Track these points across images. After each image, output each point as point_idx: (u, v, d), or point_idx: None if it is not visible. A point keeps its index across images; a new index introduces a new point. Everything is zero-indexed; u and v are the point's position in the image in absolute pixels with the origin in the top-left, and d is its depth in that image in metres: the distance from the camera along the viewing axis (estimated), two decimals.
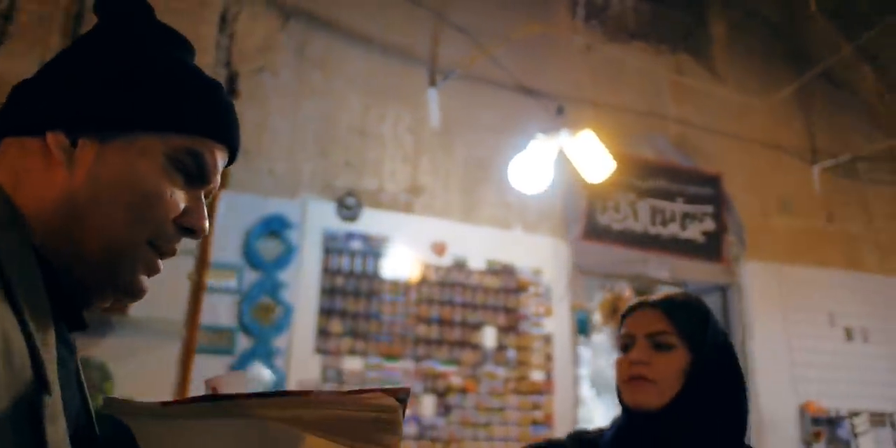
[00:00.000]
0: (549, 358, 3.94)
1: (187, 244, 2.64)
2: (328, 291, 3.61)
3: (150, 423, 0.67)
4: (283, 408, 0.64)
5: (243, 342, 3.40)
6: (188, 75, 0.77)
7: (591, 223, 4.32)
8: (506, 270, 4.00)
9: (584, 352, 6.03)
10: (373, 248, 3.76)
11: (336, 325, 3.57)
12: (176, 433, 0.66)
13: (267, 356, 3.41)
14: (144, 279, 0.74)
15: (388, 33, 4.17)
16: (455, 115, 4.20)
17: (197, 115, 0.74)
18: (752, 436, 4.45)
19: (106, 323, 3.16)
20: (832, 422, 4.45)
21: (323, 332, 3.54)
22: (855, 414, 4.48)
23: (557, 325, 4.03)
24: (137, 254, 0.71)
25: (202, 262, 3.02)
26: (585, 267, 4.26)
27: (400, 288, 3.75)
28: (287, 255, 3.59)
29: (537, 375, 3.88)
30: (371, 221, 3.80)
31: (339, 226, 3.74)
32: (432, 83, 4.17)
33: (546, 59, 4.50)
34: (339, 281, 3.65)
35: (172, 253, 0.75)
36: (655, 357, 1.30)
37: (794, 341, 4.62)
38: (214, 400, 0.66)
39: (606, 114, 4.51)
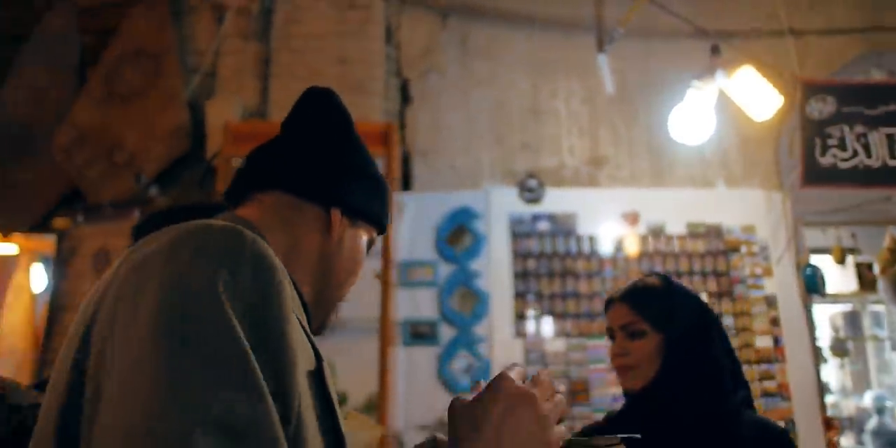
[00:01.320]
0: (775, 322, 3.58)
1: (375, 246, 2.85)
2: (521, 275, 3.66)
3: None
4: None
5: (446, 332, 3.59)
6: (386, 184, 1.06)
7: (812, 166, 3.81)
8: (710, 232, 3.71)
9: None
10: (560, 227, 3.73)
11: (533, 308, 3.61)
12: None
13: (470, 344, 3.56)
14: None
15: (548, 8, 4.10)
16: (630, 77, 3.98)
17: (387, 218, 1.05)
18: None
19: None
20: None
21: (521, 316, 3.60)
22: None
23: (781, 285, 3.64)
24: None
25: (386, 262, 3.25)
26: (809, 216, 3.79)
27: (594, 264, 3.67)
28: (476, 245, 3.71)
29: (763, 342, 3.54)
30: (555, 200, 3.77)
31: (523, 209, 3.77)
32: (600, 49, 4.01)
33: None
34: (531, 264, 3.67)
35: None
36: (631, 345, 1.48)
37: None
38: None
39: (810, 42, 3.95)
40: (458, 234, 3.73)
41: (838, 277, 4.50)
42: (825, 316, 6.07)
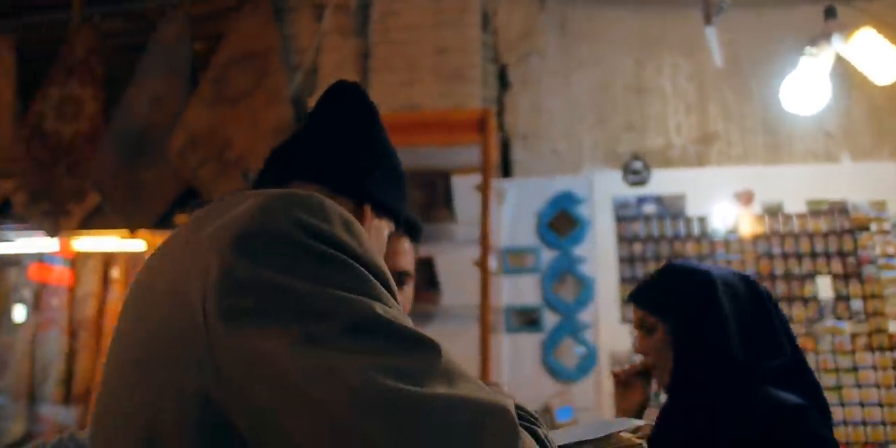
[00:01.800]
0: None
1: (473, 234, 2.83)
2: (627, 260, 3.54)
3: None
4: None
5: (550, 319, 3.52)
6: (406, 178, 1.09)
7: None
8: (834, 209, 3.44)
9: None
10: (668, 210, 3.57)
11: None
12: None
13: (574, 331, 3.48)
14: None
15: None
16: (741, 49, 3.75)
17: (405, 213, 1.07)
18: None
19: (427, 314, 3.58)
20: None
21: (628, 302, 3.47)
22: None
23: None
24: None
25: (484, 249, 3.22)
26: None
27: (705, 246, 3.49)
28: (580, 231, 3.61)
29: None
30: (662, 182, 3.62)
31: (628, 192, 3.64)
32: (708, 21, 3.79)
33: None
34: (637, 248, 3.54)
35: None
36: (646, 342, 1.49)
37: None
38: None
39: None
40: (560, 219, 3.66)
41: None
42: None
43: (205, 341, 0.65)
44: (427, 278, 3.55)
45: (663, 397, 1.59)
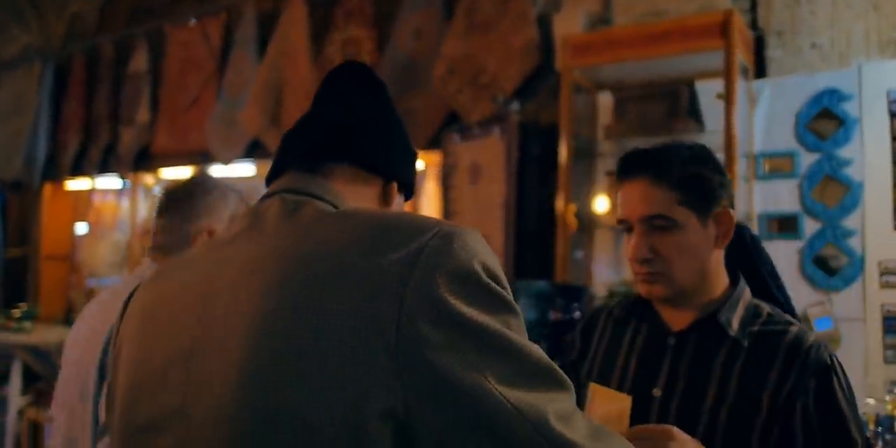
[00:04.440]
0: None
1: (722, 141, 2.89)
2: None
3: None
4: None
5: (810, 226, 3.35)
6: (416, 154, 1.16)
7: None
8: None
9: None
10: None
11: None
12: None
13: (837, 238, 3.28)
14: None
15: None
16: None
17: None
18: None
19: None
20: None
21: None
22: None
23: None
24: None
25: (729, 158, 3.13)
26: None
27: None
28: (846, 130, 3.32)
29: None
30: None
31: None
32: None
33: None
34: None
35: None
36: None
37: None
38: None
39: None
40: (822, 119, 3.39)
41: None
42: None
43: (394, 364, 0.74)
44: None
45: None
